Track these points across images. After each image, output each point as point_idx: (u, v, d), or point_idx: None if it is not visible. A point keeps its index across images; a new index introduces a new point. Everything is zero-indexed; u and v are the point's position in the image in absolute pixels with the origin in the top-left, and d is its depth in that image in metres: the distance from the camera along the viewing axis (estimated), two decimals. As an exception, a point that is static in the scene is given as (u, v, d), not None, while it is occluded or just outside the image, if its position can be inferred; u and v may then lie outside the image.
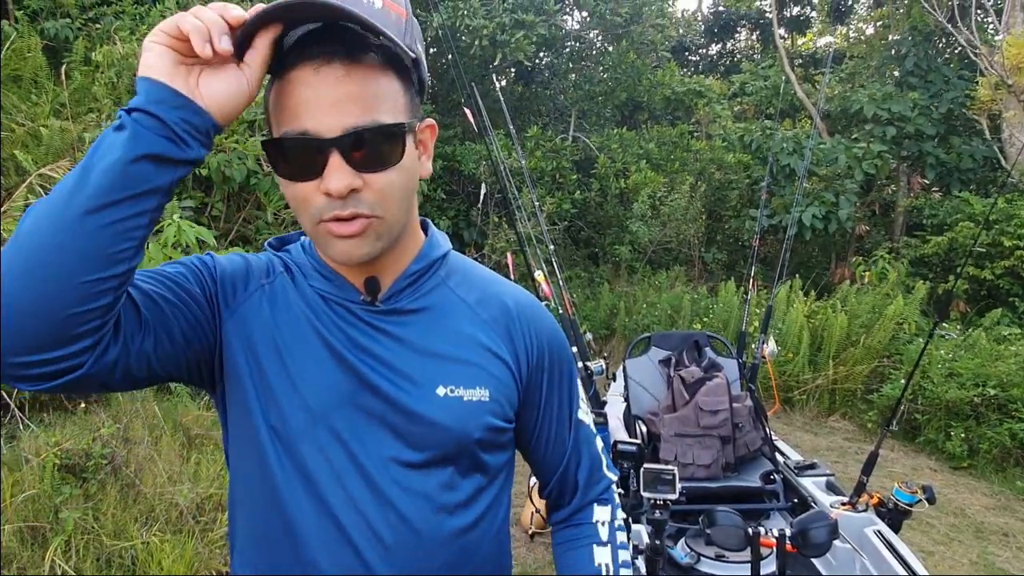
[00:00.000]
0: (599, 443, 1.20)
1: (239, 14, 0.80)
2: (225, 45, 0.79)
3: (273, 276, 1.01)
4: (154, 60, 0.78)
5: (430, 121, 0.99)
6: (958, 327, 6.77)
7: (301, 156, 0.85)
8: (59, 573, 2.73)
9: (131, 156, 0.75)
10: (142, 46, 0.80)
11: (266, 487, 0.95)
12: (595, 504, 1.17)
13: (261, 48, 0.83)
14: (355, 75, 0.84)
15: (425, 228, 1.08)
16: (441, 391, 0.97)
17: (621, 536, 1.16)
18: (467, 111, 3.22)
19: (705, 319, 7.51)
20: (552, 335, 1.11)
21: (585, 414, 1.18)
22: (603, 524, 1.15)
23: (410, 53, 0.87)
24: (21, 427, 3.27)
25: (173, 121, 0.77)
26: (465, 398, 0.98)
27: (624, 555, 1.15)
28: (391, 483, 0.94)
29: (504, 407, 1.02)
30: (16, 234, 0.75)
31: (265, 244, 1.09)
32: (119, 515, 3.02)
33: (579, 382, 1.18)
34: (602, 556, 1.13)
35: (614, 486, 1.21)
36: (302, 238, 1.07)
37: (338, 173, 0.84)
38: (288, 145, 0.85)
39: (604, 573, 1.11)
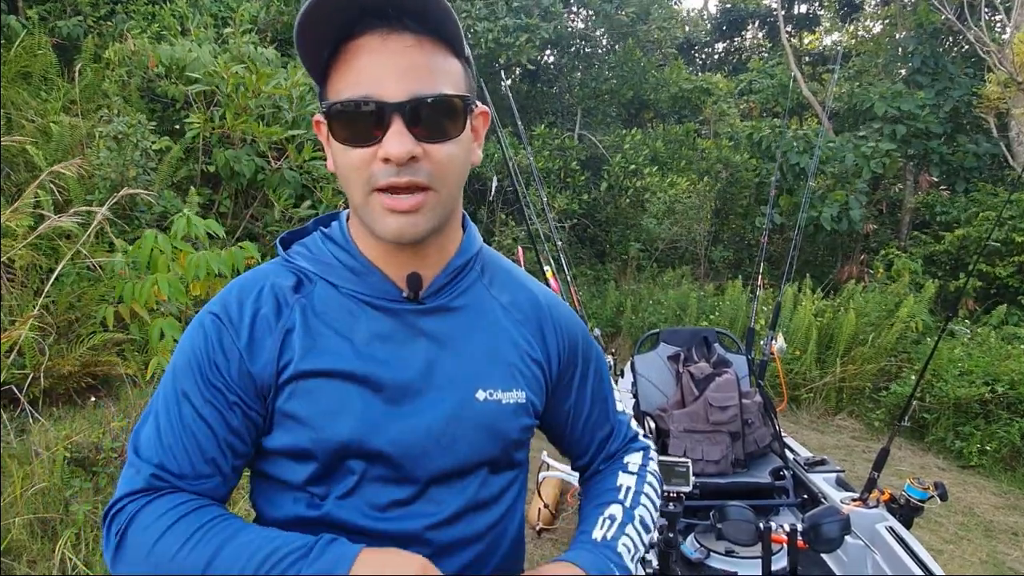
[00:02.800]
0: (633, 423, 1.21)
1: None
2: None
3: (288, 310, 0.93)
4: None
5: (484, 108, 0.96)
6: (969, 325, 6.74)
7: (362, 120, 0.83)
8: (70, 566, 2.74)
9: None
10: None
11: (295, 499, 0.93)
12: (628, 453, 1.16)
13: None
14: (423, 47, 0.84)
15: (463, 222, 1.05)
16: (481, 395, 0.95)
17: (651, 478, 1.13)
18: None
19: (712, 317, 7.50)
20: (582, 331, 1.11)
21: (620, 405, 1.18)
22: (633, 463, 1.14)
23: (466, 49, 0.88)
24: (31, 420, 3.28)
25: None
26: (503, 401, 0.96)
27: (650, 490, 1.11)
28: (428, 488, 0.93)
29: (536, 406, 1.02)
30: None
31: (276, 242, 1.03)
32: (129, 509, 3.03)
33: (608, 372, 1.18)
34: (625, 480, 1.10)
35: (651, 450, 1.20)
36: (321, 228, 1.02)
37: (399, 138, 0.82)
38: (349, 109, 0.83)
39: (624, 490, 1.08)
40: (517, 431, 0.98)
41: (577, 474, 1.22)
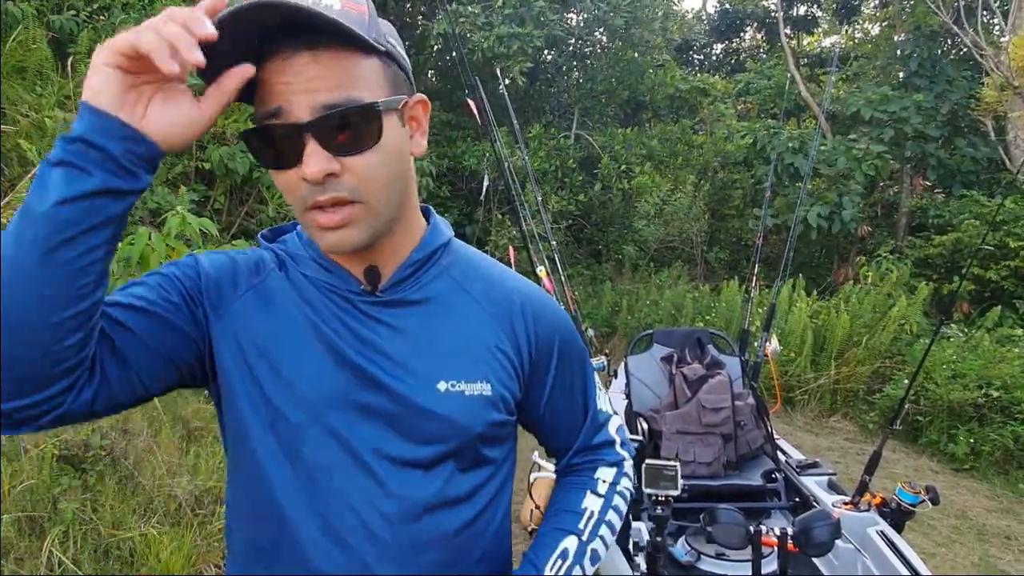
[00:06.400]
0: (614, 423, 1.20)
1: (208, 32, 0.72)
2: (197, 57, 0.71)
3: (264, 273, 0.99)
4: (101, 85, 0.73)
5: (420, 96, 0.95)
6: (963, 328, 6.75)
7: (278, 143, 0.84)
8: (56, 564, 2.72)
9: (77, 192, 0.72)
10: (94, 55, 0.75)
11: (262, 484, 0.93)
12: (602, 465, 1.16)
13: (227, 87, 0.79)
14: (322, 59, 0.82)
15: (427, 215, 1.05)
16: (442, 386, 0.95)
17: (618, 500, 1.14)
18: (471, 103, 3.20)
19: (708, 317, 7.50)
20: (559, 326, 1.09)
21: (605, 403, 1.18)
22: (604, 482, 1.14)
23: (378, 45, 0.85)
24: (21, 417, 3.25)
25: (119, 153, 0.74)
26: (466, 392, 0.96)
27: (613, 517, 1.12)
28: (390, 479, 0.93)
29: (507, 400, 1.00)
30: None
31: (259, 236, 1.07)
32: (117, 507, 3.01)
33: (593, 371, 1.17)
34: (592, 503, 1.11)
35: (626, 463, 1.19)
36: (298, 227, 1.04)
37: (313, 158, 0.82)
38: (265, 133, 0.84)
39: (586, 516, 1.09)
40: (482, 425, 0.97)
41: None
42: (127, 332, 0.86)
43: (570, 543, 1.05)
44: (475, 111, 3.22)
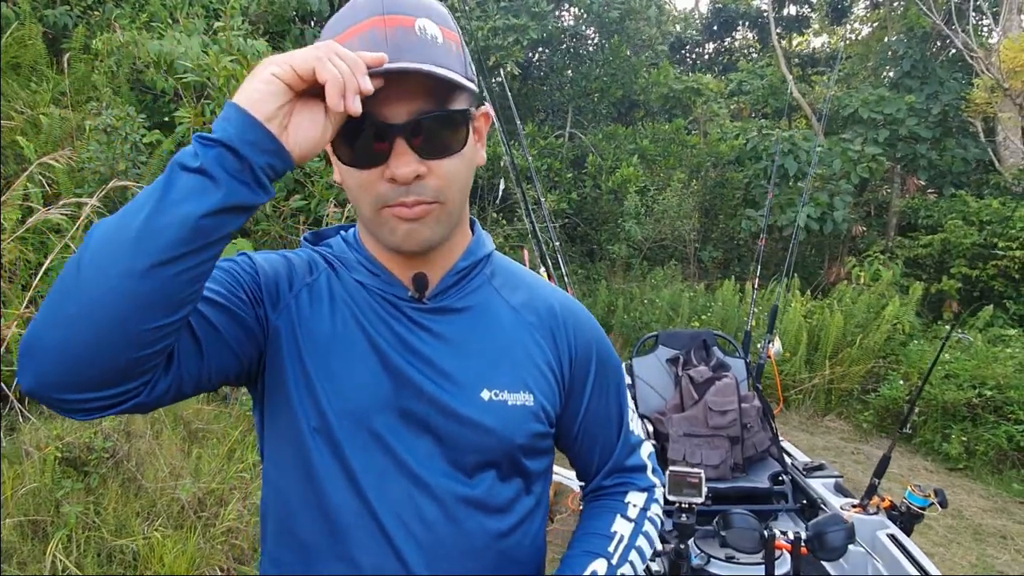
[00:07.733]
0: (646, 449, 1.18)
1: (366, 87, 0.76)
2: (357, 106, 0.75)
3: (316, 273, 0.99)
4: (264, 96, 0.74)
5: (485, 108, 0.97)
6: (957, 329, 6.81)
7: (366, 142, 0.84)
8: (60, 568, 2.69)
9: (210, 209, 0.71)
10: (260, 66, 0.75)
11: (307, 485, 0.93)
12: (632, 490, 1.14)
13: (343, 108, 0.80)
14: (423, 83, 0.84)
15: (471, 226, 1.06)
16: (486, 395, 0.95)
17: (649, 527, 1.12)
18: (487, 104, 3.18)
19: (704, 317, 7.53)
20: (598, 340, 1.10)
21: (637, 425, 1.17)
22: (634, 506, 1.12)
23: (470, 84, 0.88)
24: (21, 419, 3.21)
25: (259, 166, 0.74)
26: (509, 402, 0.96)
27: (643, 543, 1.10)
28: (432, 486, 0.93)
29: (548, 412, 1.00)
30: (79, 268, 0.71)
31: (301, 239, 1.07)
32: (120, 510, 2.98)
33: (627, 391, 1.16)
34: (622, 527, 1.09)
35: (657, 490, 1.18)
36: (342, 232, 1.05)
37: (404, 158, 0.83)
38: (353, 131, 0.84)
39: (616, 540, 1.07)
40: (524, 435, 0.97)
41: (574, 473, 1.21)
42: (210, 327, 0.85)
43: (599, 566, 1.04)
44: (492, 111, 3.20)
